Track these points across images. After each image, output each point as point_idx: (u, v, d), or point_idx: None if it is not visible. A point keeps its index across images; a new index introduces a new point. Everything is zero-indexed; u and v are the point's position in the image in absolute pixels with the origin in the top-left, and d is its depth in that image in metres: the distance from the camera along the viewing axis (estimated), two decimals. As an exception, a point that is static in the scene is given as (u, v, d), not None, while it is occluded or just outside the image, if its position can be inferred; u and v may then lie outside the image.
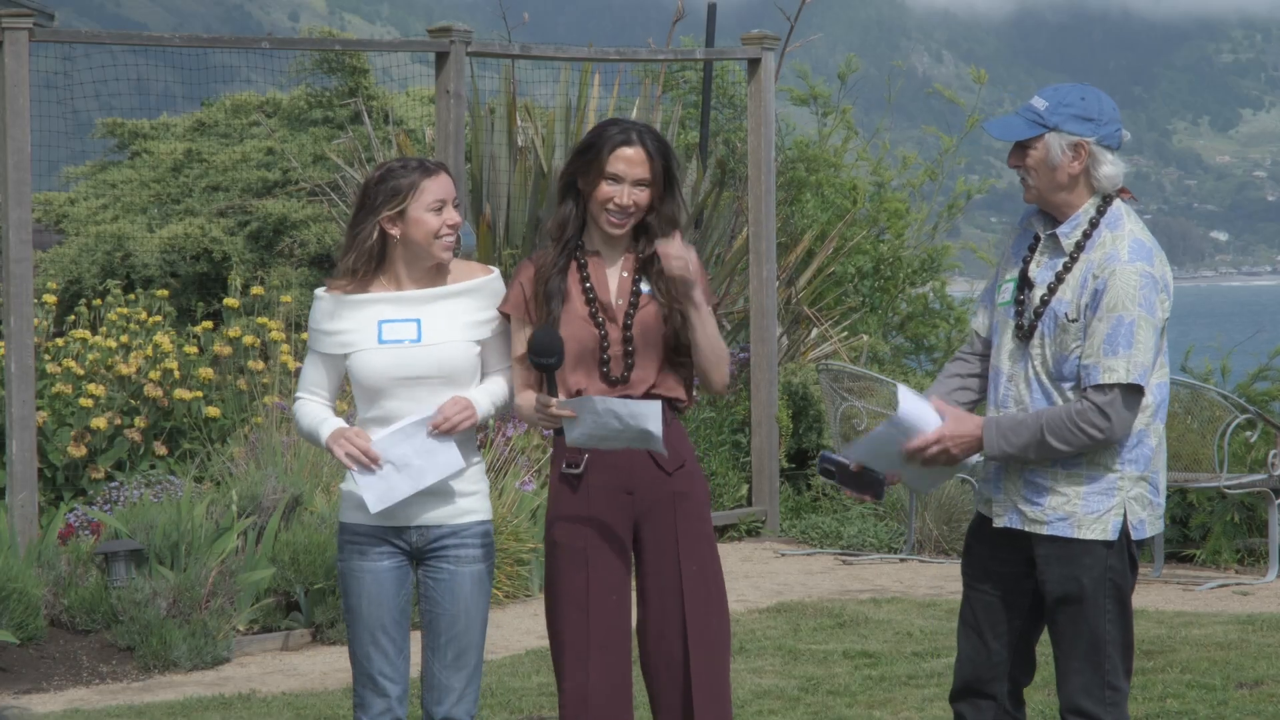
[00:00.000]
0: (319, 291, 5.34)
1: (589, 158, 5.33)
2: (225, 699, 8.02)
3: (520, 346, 5.35)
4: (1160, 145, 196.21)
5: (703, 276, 5.40)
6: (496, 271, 5.43)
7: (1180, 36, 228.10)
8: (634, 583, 5.45)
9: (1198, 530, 11.04)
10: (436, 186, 5.26)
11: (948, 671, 8.14)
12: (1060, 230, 5.17)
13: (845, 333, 14.38)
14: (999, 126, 5.20)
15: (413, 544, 5.28)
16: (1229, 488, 10.49)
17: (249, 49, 12.19)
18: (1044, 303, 5.14)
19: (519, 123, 13.51)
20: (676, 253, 5.24)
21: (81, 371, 10.98)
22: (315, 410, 5.34)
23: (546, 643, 8.96)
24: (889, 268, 15.39)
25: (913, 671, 8.16)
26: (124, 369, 11.02)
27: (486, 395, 5.31)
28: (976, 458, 5.28)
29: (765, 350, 12.24)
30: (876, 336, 14.95)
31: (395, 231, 5.24)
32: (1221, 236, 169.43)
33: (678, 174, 5.43)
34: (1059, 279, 5.13)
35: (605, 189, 5.31)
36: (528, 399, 5.34)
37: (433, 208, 5.25)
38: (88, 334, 11.44)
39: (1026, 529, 5.19)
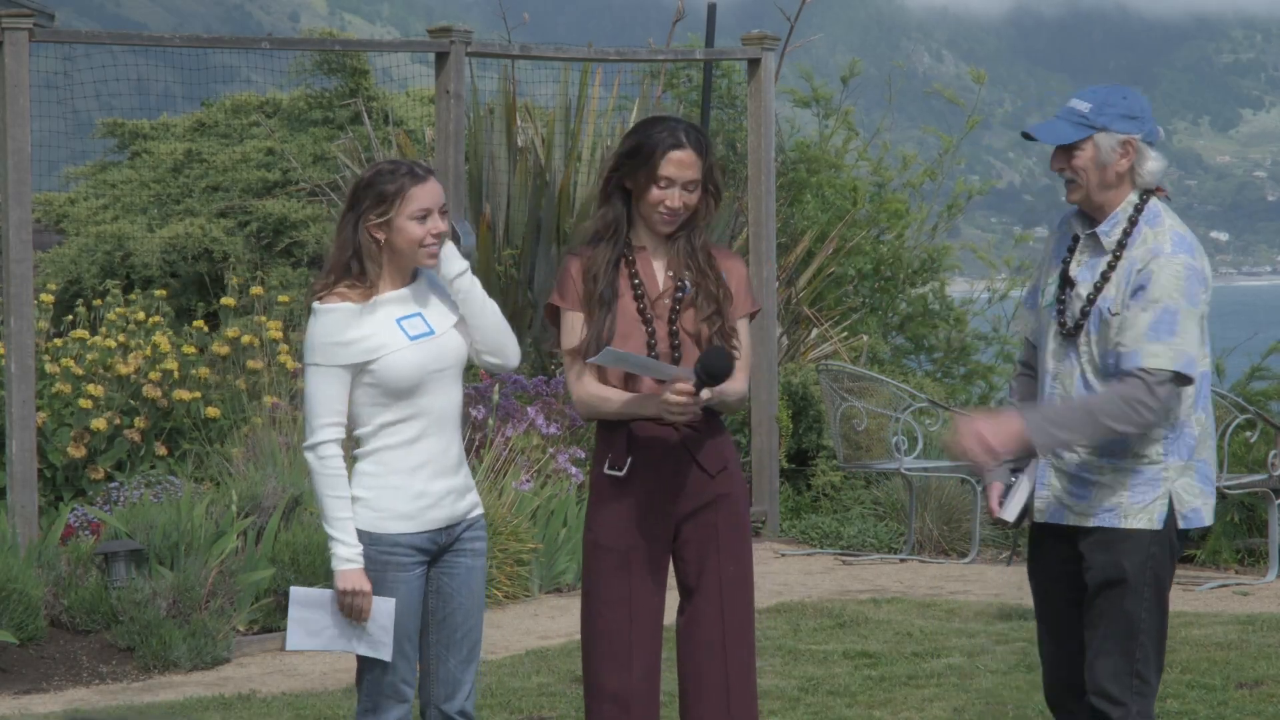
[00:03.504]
0: (323, 306, 5.18)
1: (638, 161, 5.34)
2: (225, 699, 8.01)
3: (572, 337, 5.39)
4: (1160, 146, 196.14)
5: (745, 286, 5.46)
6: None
7: (1180, 36, 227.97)
8: (671, 579, 5.50)
9: (1198, 530, 11.04)
10: (423, 194, 5.20)
11: (948, 671, 8.14)
12: (1100, 229, 5.23)
13: (845, 333, 14.38)
14: (1046, 131, 5.24)
15: (441, 544, 5.29)
16: (1229, 488, 10.49)
17: (249, 49, 12.19)
18: (1090, 301, 5.20)
19: (519, 123, 13.51)
20: (682, 400, 5.25)
21: (80, 372, 10.97)
22: (338, 493, 5.19)
23: (546, 643, 9.03)
24: (889, 268, 15.39)
25: (913, 672, 8.16)
26: (123, 369, 11.02)
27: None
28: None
29: (765, 350, 12.23)
30: (876, 337, 14.95)
31: (380, 236, 5.22)
32: (1222, 236, 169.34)
33: (715, 167, 5.46)
34: (1104, 278, 5.19)
35: (656, 193, 5.34)
36: (591, 389, 5.35)
37: (417, 216, 5.19)
38: (86, 334, 11.43)
39: (1071, 523, 5.25)
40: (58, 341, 11.47)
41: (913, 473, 11.69)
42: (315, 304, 5.22)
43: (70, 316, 12.31)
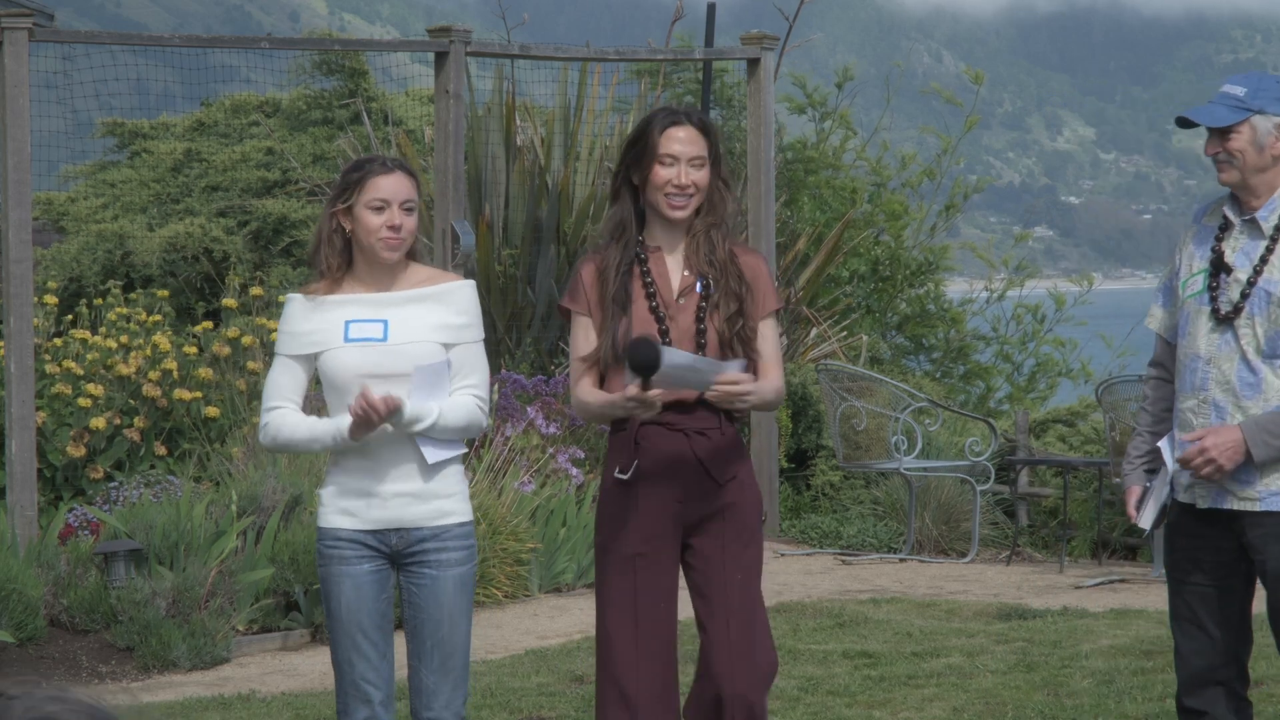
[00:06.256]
0: (290, 295, 5.33)
1: (640, 146, 5.29)
2: (225, 699, 8.01)
3: (583, 343, 5.33)
4: (1160, 145, 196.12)
5: (768, 283, 5.39)
6: (472, 283, 5.37)
7: (1180, 36, 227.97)
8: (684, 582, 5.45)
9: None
10: (384, 185, 5.20)
11: (947, 671, 8.13)
12: (1259, 214, 5.29)
13: (844, 333, 14.38)
14: (1204, 114, 5.31)
15: (393, 546, 5.24)
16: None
17: (249, 49, 12.20)
18: (1250, 284, 5.25)
19: (518, 123, 13.51)
20: (735, 389, 5.16)
21: (81, 371, 10.98)
22: (305, 419, 5.26)
23: (546, 643, 9.04)
24: (887, 268, 15.40)
25: (912, 671, 8.16)
26: (123, 369, 11.03)
27: (438, 405, 5.21)
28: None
29: (765, 350, 12.23)
30: (875, 337, 14.96)
31: (348, 225, 5.24)
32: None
33: (724, 156, 5.39)
34: (1263, 260, 5.25)
35: (661, 172, 5.26)
36: (591, 393, 5.30)
37: (373, 206, 5.19)
38: (87, 334, 11.44)
39: (1238, 508, 5.24)
40: (58, 341, 11.47)
41: (912, 472, 11.69)
42: (289, 295, 5.37)
43: (70, 316, 12.32)
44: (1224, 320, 5.26)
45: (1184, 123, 5.36)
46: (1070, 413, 13.19)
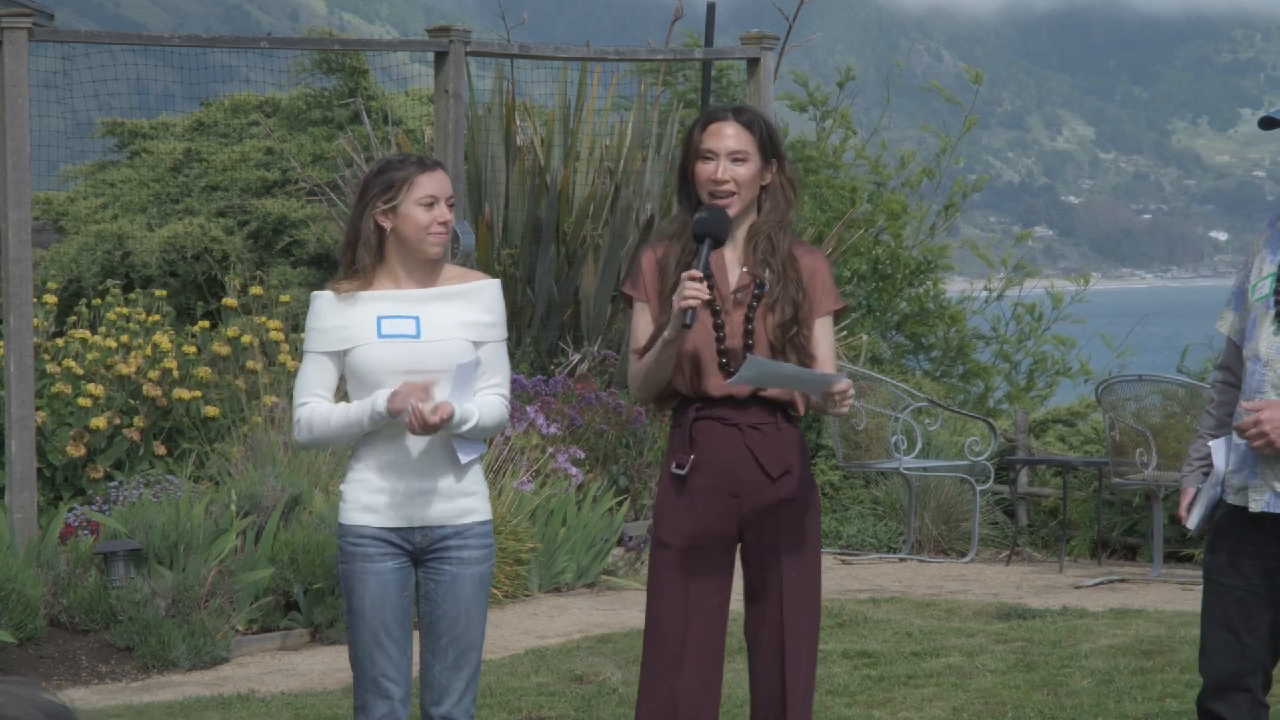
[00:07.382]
0: (319, 292, 5.32)
1: (688, 145, 5.31)
2: (224, 699, 8.01)
3: (642, 332, 5.30)
4: (1159, 145, 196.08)
5: (828, 284, 5.33)
6: (498, 281, 5.39)
7: (1179, 36, 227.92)
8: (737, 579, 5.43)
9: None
10: (430, 182, 5.27)
11: (947, 671, 8.13)
12: None
13: (844, 332, 14.38)
14: None
15: (416, 544, 5.26)
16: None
17: (248, 49, 12.20)
18: None
19: (518, 122, 13.51)
20: (842, 393, 5.17)
21: (81, 371, 10.98)
22: (335, 407, 5.25)
23: (545, 643, 9.04)
24: (887, 267, 15.40)
25: (911, 671, 8.16)
26: (123, 369, 11.03)
27: (475, 405, 5.23)
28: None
29: (764, 350, 12.23)
30: (875, 336, 14.96)
31: (387, 224, 5.25)
32: (1221, 236, 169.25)
33: (783, 151, 5.35)
34: None
35: (702, 168, 5.27)
36: (642, 360, 5.26)
37: (423, 203, 5.25)
38: (87, 334, 11.44)
39: None
40: (58, 341, 11.47)
41: (912, 472, 11.69)
42: (316, 291, 5.34)
43: (72, 317, 12.32)
44: None
45: (1269, 123, 5.32)
46: (1070, 412, 13.20)
